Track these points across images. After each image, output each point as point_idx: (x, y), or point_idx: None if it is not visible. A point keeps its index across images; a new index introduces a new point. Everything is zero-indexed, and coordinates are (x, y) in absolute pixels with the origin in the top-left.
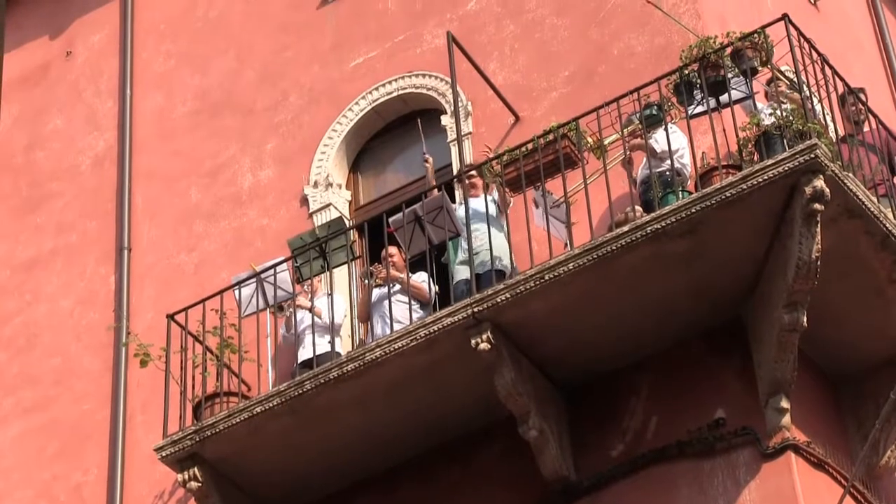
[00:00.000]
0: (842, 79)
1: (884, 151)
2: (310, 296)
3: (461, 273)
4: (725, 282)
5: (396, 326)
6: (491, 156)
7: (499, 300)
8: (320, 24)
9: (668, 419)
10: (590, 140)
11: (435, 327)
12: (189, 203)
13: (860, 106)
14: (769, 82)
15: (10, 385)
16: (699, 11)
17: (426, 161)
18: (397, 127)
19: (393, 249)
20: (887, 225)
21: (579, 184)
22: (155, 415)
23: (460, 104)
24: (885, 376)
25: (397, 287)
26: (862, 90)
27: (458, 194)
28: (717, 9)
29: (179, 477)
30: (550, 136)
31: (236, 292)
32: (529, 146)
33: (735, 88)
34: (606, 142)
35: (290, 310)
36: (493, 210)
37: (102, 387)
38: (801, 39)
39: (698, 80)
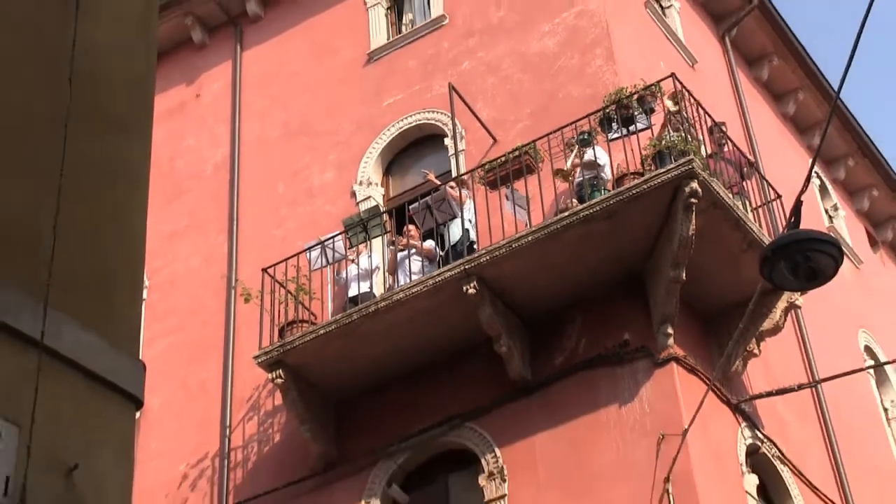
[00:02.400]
0: (709, 116)
1: (737, 165)
2: (356, 255)
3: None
4: (632, 249)
5: (413, 277)
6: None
7: (482, 261)
8: (365, 76)
9: (592, 340)
10: (542, 155)
11: (439, 278)
12: (277, 195)
13: (721, 134)
14: (667, 120)
15: (158, 315)
16: (616, 70)
17: (426, 175)
18: (415, 146)
19: (411, 226)
20: (738, 214)
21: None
22: (253, 335)
23: (457, 131)
24: (735, 313)
25: (414, 250)
26: (723, 123)
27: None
28: (627, 68)
29: (269, 375)
30: (517, 153)
31: (308, 254)
32: (502, 159)
33: (637, 123)
34: (567, 165)
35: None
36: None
37: (219, 316)
38: (683, 90)
39: (615, 116)
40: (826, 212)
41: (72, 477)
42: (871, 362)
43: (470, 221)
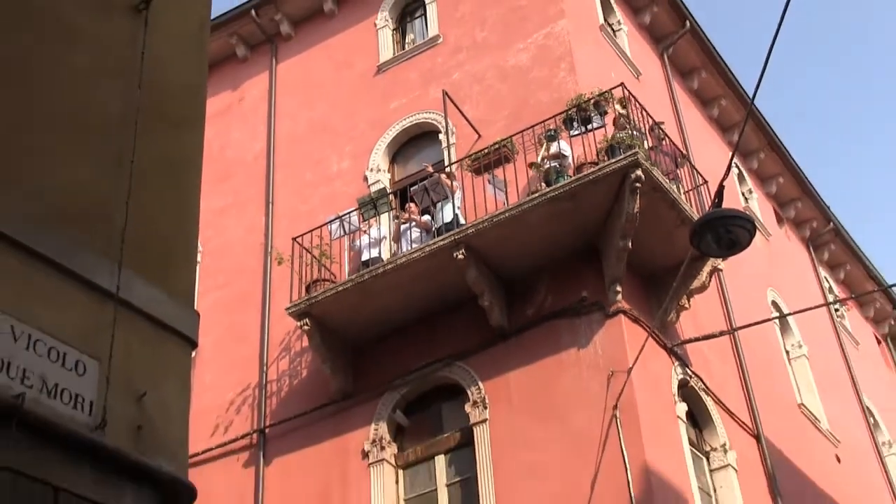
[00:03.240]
0: (651, 117)
1: (673, 156)
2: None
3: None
4: (589, 223)
5: (413, 245)
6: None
7: (468, 232)
8: (375, 85)
9: (557, 296)
10: (517, 147)
11: (434, 246)
12: (304, 179)
13: (660, 132)
14: (617, 121)
15: (210, 274)
16: (577, 80)
17: (425, 166)
18: (415, 140)
19: (412, 204)
20: (673, 196)
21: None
22: (285, 291)
23: (449, 128)
24: (670, 275)
25: (414, 223)
26: (662, 123)
27: (447, 176)
28: (585, 79)
29: (298, 323)
30: (497, 146)
31: (329, 226)
32: (485, 151)
33: (593, 122)
34: (539, 157)
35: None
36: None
37: (258, 276)
38: (631, 96)
39: (576, 117)
40: (742, 195)
41: (142, 402)
42: (777, 314)
43: (458, 206)
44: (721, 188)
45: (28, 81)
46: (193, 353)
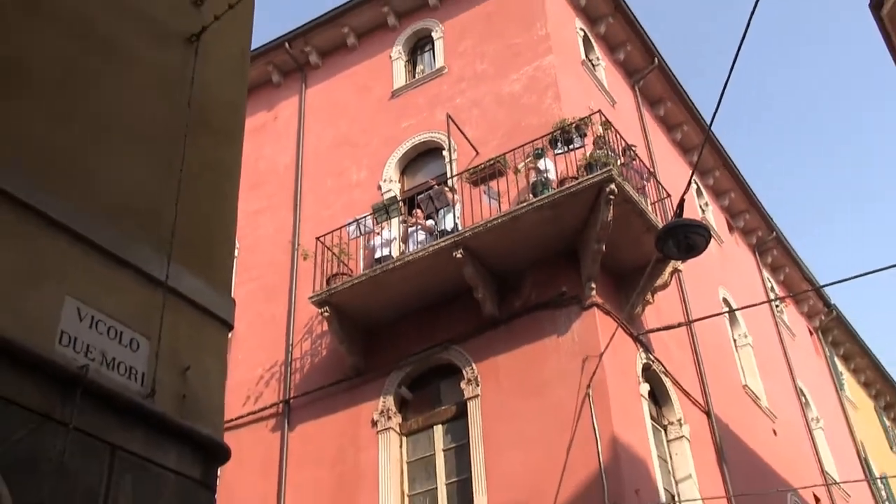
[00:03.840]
0: (623, 139)
1: (641, 174)
2: (381, 229)
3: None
4: (569, 229)
5: (419, 246)
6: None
7: (466, 235)
8: (389, 107)
9: (542, 291)
10: (509, 163)
11: (437, 247)
12: (327, 187)
13: (632, 152)
14: (595, 142)
15: (245, 268)
16: (561, 107)
17: (432, 181)
18: (423, 155)
19: (418, 210)
20: (642, 207)
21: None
22: (309, 283)
23: (451, 146)
24: (637, 274)
25: (420, 227)
26: (634, 146)
27: (449, 189)
28: (569, 106)
29: (319, 310)
30: (492, 162)
31: (347, 228)
32: (482, 165)
33: (575, 142)
34: (521, 166)
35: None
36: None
37: (286, 269)
38: (606, 121)
39: (560, 138)
40: (700, 207)
41: (185, 375)
42: (727, 309)
43: (457, 216)
44: (682, 201)
45: (95, 97)
46: (230, 335)
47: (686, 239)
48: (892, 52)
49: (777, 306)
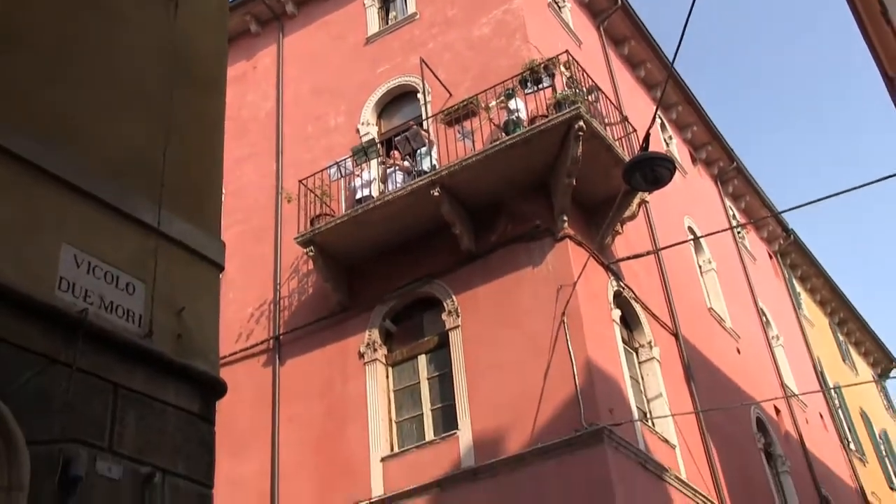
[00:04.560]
0: (591, 78)
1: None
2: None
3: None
4: (541, 165)
5: (398, 185)
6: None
7: (442, 173)
8: (364, 53)
9: (516, 225)
10: (482, 104)
11: (415, 186)
12: (307, 132)
13: (598, 91)
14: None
15: (231, 212)
16: (530, 48)
17: (410, 123)
18: (398, 99)
19: (396, 152)
20: (609, 142)
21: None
22: (293, 224)
23: (425, 89)
24: (607, 206)
25: (398, 167)
26: (598, 87)
27: (424, 131)
28: (537, 46)
29: (304, 250)
30: (465, 103)
31: (329, 170)
32: (456, 107)
33: (543, 82)
34: (492, 104)
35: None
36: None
37: (270, 212)
38: (574, 61)
39: (529, 78)
40: (664, 140)
41: (180, 315)
42: (692, 236)
43: (433, 156)
44: (647, 136)
45: (86, 55)
46: (221, 276)
47: (652, 171)
48: None
49: (738, 233)
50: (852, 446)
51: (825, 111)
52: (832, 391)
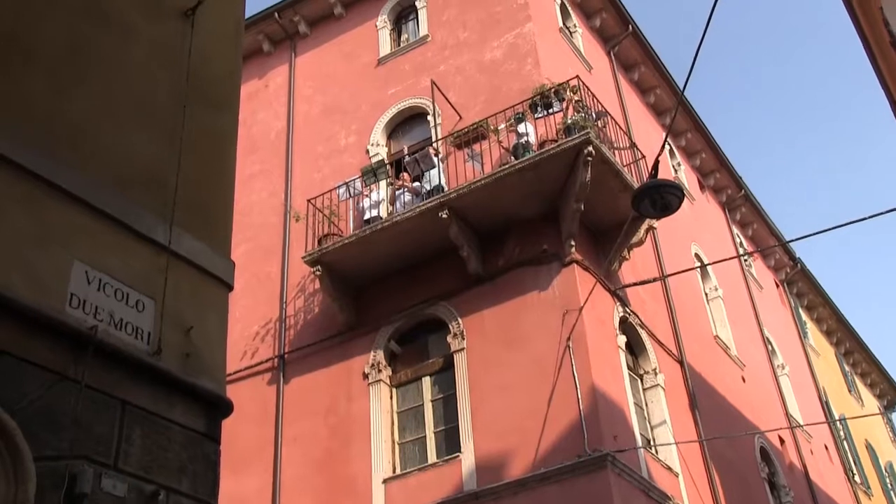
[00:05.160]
0: (601, 104)
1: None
2: (370, 191)
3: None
4: (550, 189)
5: (406, 206)
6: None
7: (451, 196)
8: (376, 75)
9: (524, 249)
10: (491, 127)
11: (423, 207)
12: (317, 151)
13: (607, 117)
14: (574, 106)
15: (240, 229)
16: (541, 73)
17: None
18: (408, 120)
19: (405, 174)
20: (618, 167)
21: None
22: (301, 243)
23: (436, 111)
24: (615, 232)
25: (406, 189)
26: (608, 112)
27: (433, 154)
28: (548, 72)
29: (312, 269)
30: (475, 126)
31: (338, 190)
32: (465, 129)
33: (554, 107)
34: (500, 127)
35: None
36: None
37: (279, 230)
38: (584, 86)
39: (539, 103)
40: (673, 167)
41: (189, 334)
42: (699, 263)
43: (442, 175)
44: (657, 162)
45: (98, 70)
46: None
47: (661, 198)
48: (852, 15)
49: (746, 260)
50: (857, 479)
51: (835, 139)
52: (837, 422)
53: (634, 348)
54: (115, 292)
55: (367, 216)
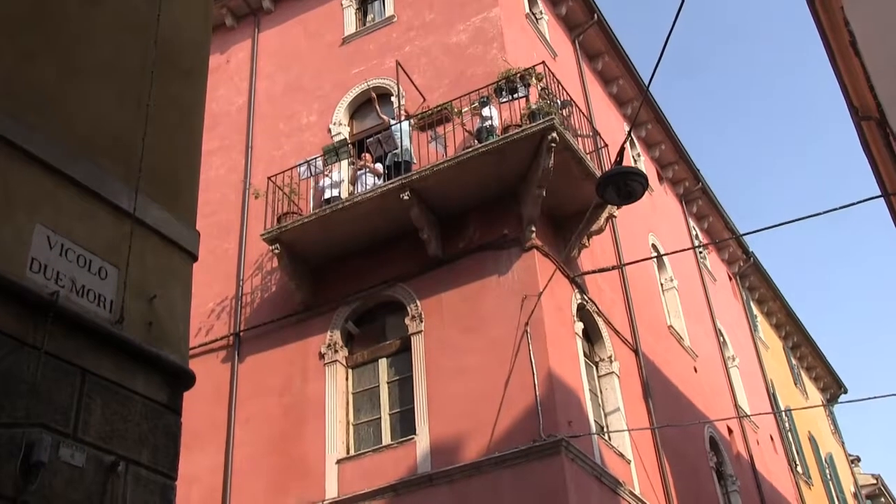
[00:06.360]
0: (566, 90)
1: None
2: (331, 170)
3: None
4: (512, 175)
5: (367, 187)
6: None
7: (413, 177)
8: (340, 54)
9: (484, 233)
10: (455, 110)
11: (385, 189)
12: (278, 129)
13: (572, 105)
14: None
15: (199, 204)
16: (506, 58)
17: (382, 116)
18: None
19: (367, 154)
20: (581, 155)
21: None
22: (260, 220)
23: (400, 92)
24: (575, 219)
25: (368, 169)
26: (572, 100)
27: (398, 132)
28: (513, 57)
29: (270, 247)
30: (439, 108)
31: (298, 169)
32: (429, 112)
33: (519, 92)
34: (464, 110)
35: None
36: (405, 140)
37: (238, 207)
38: (550, 73)
39: (504, 87)
40: (633, 157)
41: (152, 303)
42: (655, 254)
43: (410, 150)
44: (622, 149)
45: (65, 34)
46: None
47: (626, 186)
48: (814, 13)
49: (700, 253)
50: (799, 469)
51: (792, 136)
52: (783, 414)
53: (591, 335)
54: (78, 258)
55: (327, 196)
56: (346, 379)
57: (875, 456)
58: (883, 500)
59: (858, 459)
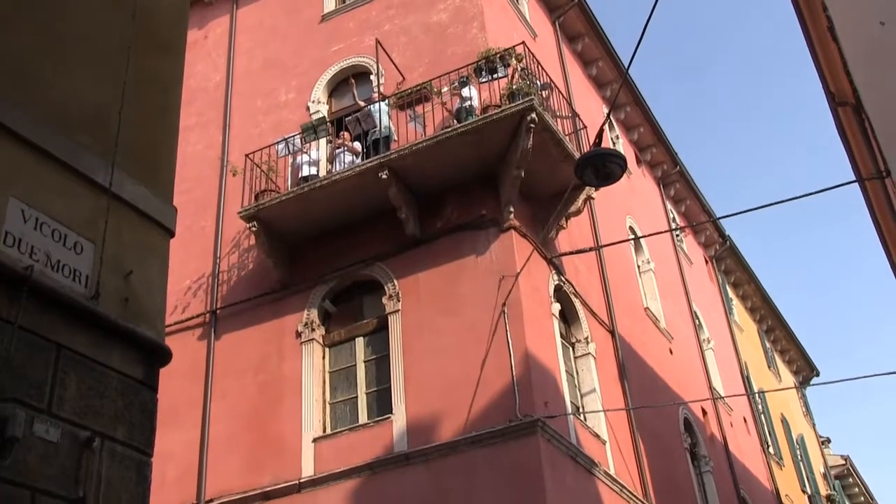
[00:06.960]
0: (546, 72)
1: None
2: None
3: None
4: (490, 155)
5: (345, 165)
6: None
7: (392, 157)
8: (319, 31)
9: (462, 213)
10: (435, 89)
11: (363, 167)
12: (256, 106)
13: (552, 86)
14: (517, 71)
15: (175, 181)
16: (486, 37)
17: (358, 102)
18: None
19: (345, 133)
20: (560, 136)
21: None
22: (238, 198)
23: (379, 71)
24: (553, 200)
25: (346, 148)
26: (553, 82)
27: (377, 111)
28: (493, 36)
29: (247, 225)
30: (418, 87)
31: (276, 146)
32: (408, 91)
33: (498, 72)
34: (443, 90)
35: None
36: (385, 118)
37: (215, 184)
38: (530, 53)
39: (484, 67)
40: (612, 140)
41: (128, 279)
42: (632, 236)
43: (391, 127)
44: (601, 131)
45: (42, 7)
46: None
47: (604, 167)
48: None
49: (677, 235)
50: (771, 450)
51: (770, 120)
52: (756, 396)
53: (568, 317)
54: (53, 233)
55: (304, 173)
56: (323, 357)
57: (845, 438)
58: (851, 479)
59: (829, 441)
